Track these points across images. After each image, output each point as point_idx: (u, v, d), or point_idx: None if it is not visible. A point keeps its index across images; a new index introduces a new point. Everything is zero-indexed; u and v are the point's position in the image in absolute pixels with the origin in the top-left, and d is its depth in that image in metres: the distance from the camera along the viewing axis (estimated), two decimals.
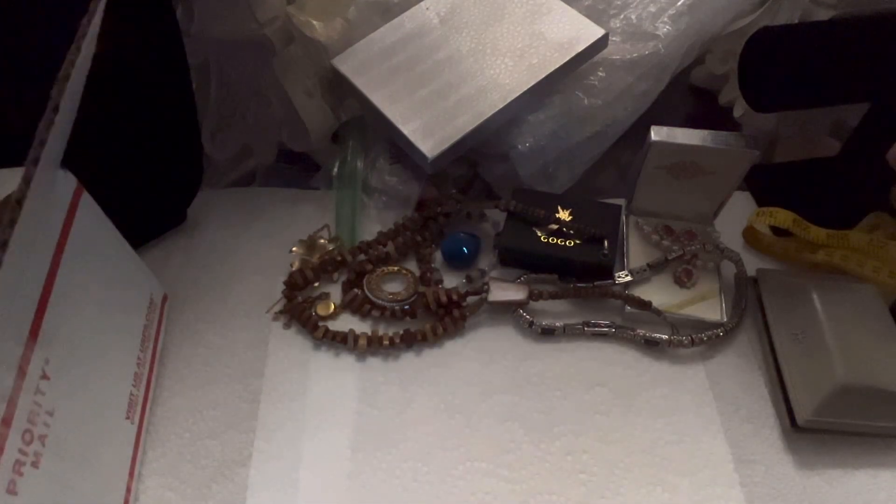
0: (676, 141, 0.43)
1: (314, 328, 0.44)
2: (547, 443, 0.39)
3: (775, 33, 0.45)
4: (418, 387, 0.42)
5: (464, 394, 0.41)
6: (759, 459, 0.39)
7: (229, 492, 0.37)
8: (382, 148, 0.52)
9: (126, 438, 0.37)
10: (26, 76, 0.33)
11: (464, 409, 0.41)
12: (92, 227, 0.35)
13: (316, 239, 0.49)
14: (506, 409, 0.41)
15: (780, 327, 0.42)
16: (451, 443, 0.39)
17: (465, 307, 0.45)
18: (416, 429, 0.40)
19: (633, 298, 0.44)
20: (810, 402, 0.38)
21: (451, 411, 0.41)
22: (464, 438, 0.39)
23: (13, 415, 0.26)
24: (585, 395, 0.41)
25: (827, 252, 0.44)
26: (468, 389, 0.42)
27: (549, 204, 0.47)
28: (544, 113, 0.50)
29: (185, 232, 0.50)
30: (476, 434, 0.40)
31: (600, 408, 0.41)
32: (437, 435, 0.40)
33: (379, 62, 0.52)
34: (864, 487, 0.38)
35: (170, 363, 0.42)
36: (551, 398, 0.41)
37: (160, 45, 0.43)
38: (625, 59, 0.53)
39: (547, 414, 0.41)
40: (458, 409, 0.41)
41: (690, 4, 0.55)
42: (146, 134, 0.45)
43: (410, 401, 0.41)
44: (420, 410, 0.41)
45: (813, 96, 0.47)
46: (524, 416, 0.40)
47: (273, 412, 0.40)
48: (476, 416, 0.40)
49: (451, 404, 0.41)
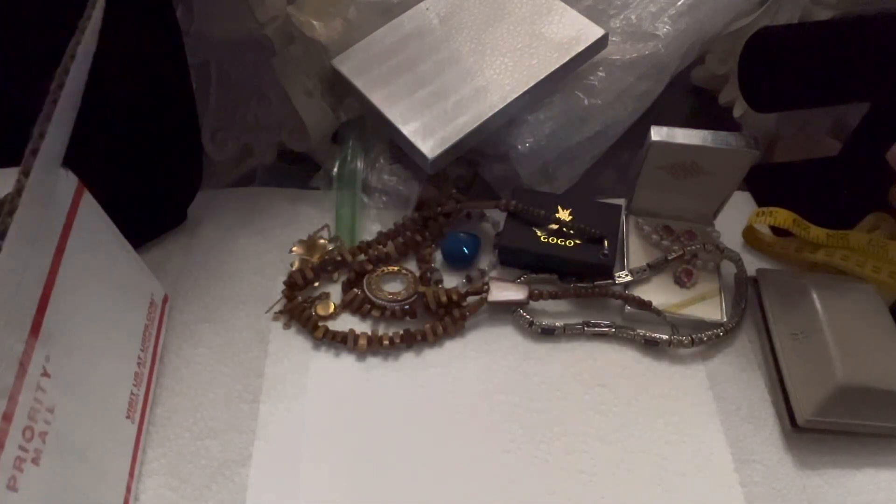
0: (676, 141, 0.43)
1: (314, 328, 0.44)
2: (547, 443, 0.39)
3: (775, 33, 0.45)
4: (418, 387, 0.42)
5: (464, 394, 0.41)
6: (759, 459, 0.39)
7: (229, 492, 0.37)
8: (382, 148, 0.52)
9: (126, 437, 0.36)
10: (26, 76, 0.33)
11: (464, 409, 0.41)
12: (93, 227, 0.35)
13: (316, 239, 0.49)
14: (506, 409, 0.41)
15: (780, 327, 0.42)
16: (450, 443, 0.39)
17: (465, 307, 0.45)
18: (415, 429, 0.40)
19: (633, 298, 0.44)
20: (810, 402, 0.38)
21: (451, 411, 0.41)
22: (464, 438, 0.39)
23: (14, 411, 0.26)
24: (585, 395, 0.41)
25: (827, 252, 0.44)
26: (468, 389, 0.41)
27: (549, 204, 0.47)
28: (544, 113, 0.50)
29: (185, 232, 0.50)
30: (476, 434, 0.40)
31: (600, 408, 0.41)
32: (437, 435, 0.40)
33: (379, 62, 0.52)
34: (864, 487, 0.38)
35: (170, 363, 0.42)
36: (551, 398, 0.41)
37: (160, 45, 0.43)
38: (625, 59, 0.53)
39: (547, 414, 0.40)
40: (458, 409, 0.41)
41: (690, 4, 0.55)
42: (146, 134, 0.45)
43: (410, 401, 0.41)
44: (420, 411, 0.41)
45: (813, 96, 0.47)
46: (524, 416, 0.40)
47: (273, 412, 0.40)
48: (476, 416, 0.40)
49: (450, 404, 0.41)
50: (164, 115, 0.45)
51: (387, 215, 0.51)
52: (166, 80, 0.45)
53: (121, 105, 0.43)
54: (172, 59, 0.44)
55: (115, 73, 0.40)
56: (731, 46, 0.56)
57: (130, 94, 0.43)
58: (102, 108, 0.39)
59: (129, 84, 0.43)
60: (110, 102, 0.41)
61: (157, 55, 0.43)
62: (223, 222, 0.50)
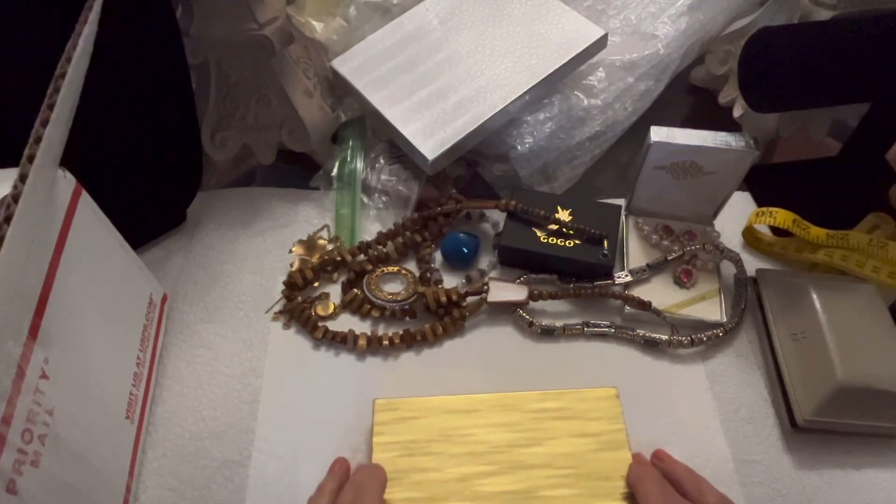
0: (676, 141, 0.43)
1: (314, 328, 0.44)
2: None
3: (775, 33, 0.45)
4: (418, 387, 0.42)
5: (463, 393, 0.41)
6: (759, 459, 0.39)
7: (229, 492, 0.37)
8: (382, 148, 0.52)
9: (126, 438, 0.37)
10: (25, 76, 0.33)
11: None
12: (91, 227, 0.35)
13: (316, 239, 0.49)
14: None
15: (780, 327, 0.42)
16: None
17: (464, 307, 0.45)
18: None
19: (632, 298, 0.44)
20: (810, 402, 0.38)
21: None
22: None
23: (13, 414, 0.26)
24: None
25: (827, 252, 0.44)
26: (468, 389, 0.41)
27: (549, 204, 0.47)
28: (544, 113, 0.50)
29: (185, 232, 0.50)
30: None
31: None
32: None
33: (378, 63, 0.52)
34: (864, 487, 0.38)
35: (170, 363, 0.42)
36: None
37: (160, 45, 0.43)
38: (625, 59, 0.53)
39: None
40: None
41: (690, 4, 0.55)
42: (146, 134, 0.45)
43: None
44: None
45: (813, 96, 0.47)
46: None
47: (273, 412, 0.40)
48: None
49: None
50: (164, 115, 0.45)
51: (387, 215, 0.50)
52: (166, 80, 0.45)
53: (120, 105, 0.43)
54: (172, 59, 0.44)
55: (115, 74, 0.40)
56: (731, 46, 0.56)
57: (130, 94, 0.43)
58: (102, 109, 0.39)
59: (128, 84, 0.43)
60: (110, 103, 0.41)
61: (157, 55, 0.43)
62: (223, 222, 0.50)
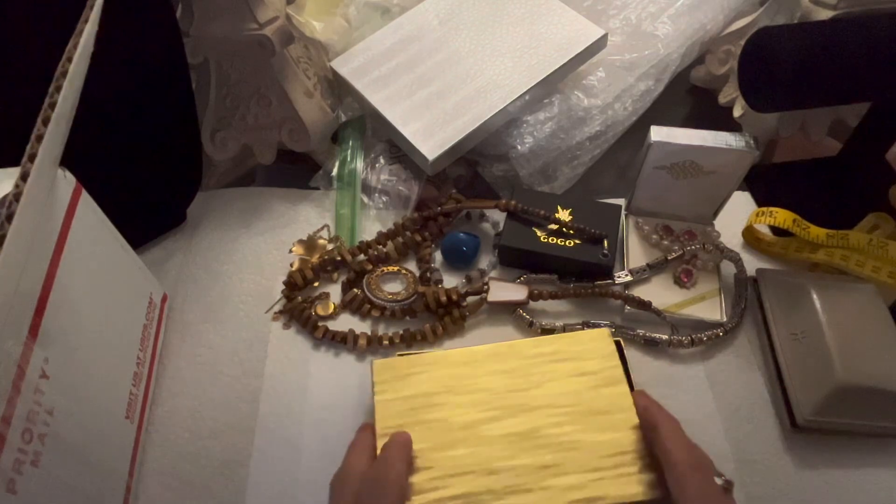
0: (676, 141, 0.43)
1: (314, 328, 0.44)
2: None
3: (775, 33, 0.45)
4: None
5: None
6: (759, 459, 0.39)
7: (229, 492, 0.37)
8: (382, 148, 0.53)
9: (126, 438, 0.37)
10: (26, 76, 0.33)
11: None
12: (91, 227, 0.35)
13: (316, 239, 0.49)
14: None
15: (780, 327, 0.42)
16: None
17: (464, 307, 0.45)
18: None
19: (632, 298, 0.44)
20: (810, 401, 0.38)
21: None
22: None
23: (13, 413, 0.26)
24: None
25: (827, 252, 0.44)
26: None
27: (549, 204, 0.47)
28: (544, 113, 0.50)
29: (185, 232, 0.50)
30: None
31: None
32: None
33: (378, 64, 0.52)
34: (864, 487, 0.38)
35: (170, 363, 0.42)
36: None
37: (160, 45, 0.43)
38: (625, 59, 0.53)
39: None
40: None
41: (690, 4, 0.55)
42: (146, 134, 0.45)
43: None
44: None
45: (813, 96, 0.46)
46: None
47: (273, 412, 0.40)
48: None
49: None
50: (164, 115, 0.45)
51: (387, 215, 0.51)
52: (166, 80, 0.45)
53: (121, 105, 0.43)
54: (172, 59, 0.44)
55: (115, 74, 0.40)
56: (731, 46, 0.56)
57: (130, 94, 0.43)
58: (102, 109, 0.39)
59: (128, 84, 0.43)
60: (110, 103, 0.41)
61: (157, 55, 0.43)
62: (223, 222, 0.50)
